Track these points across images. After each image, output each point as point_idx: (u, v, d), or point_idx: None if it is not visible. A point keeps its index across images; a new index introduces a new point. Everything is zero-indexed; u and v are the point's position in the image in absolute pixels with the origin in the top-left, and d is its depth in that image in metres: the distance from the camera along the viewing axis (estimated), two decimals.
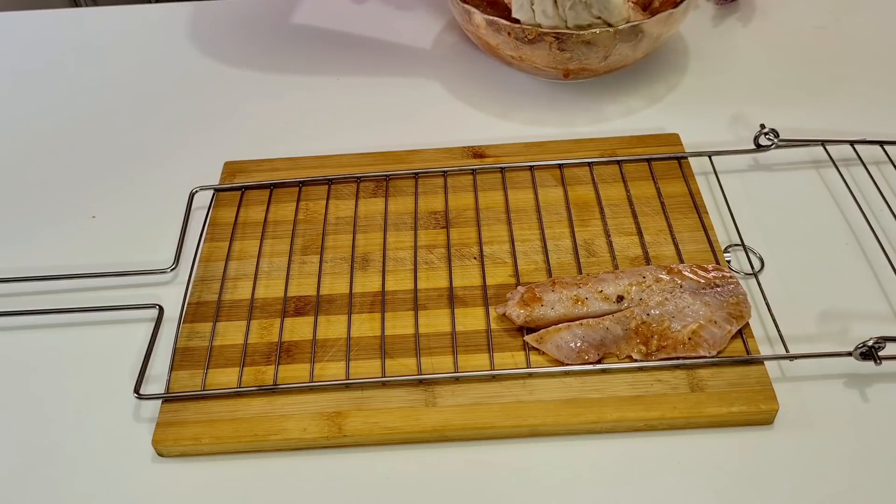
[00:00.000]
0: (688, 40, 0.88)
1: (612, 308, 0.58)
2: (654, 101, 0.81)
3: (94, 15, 1.03)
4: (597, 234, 0.66)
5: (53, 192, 0.76)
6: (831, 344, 0.59)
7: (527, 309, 0.59)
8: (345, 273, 0.65)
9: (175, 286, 0.66)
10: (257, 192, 0.72)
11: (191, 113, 0.84)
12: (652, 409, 0.54)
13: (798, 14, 0.91)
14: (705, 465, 0.53)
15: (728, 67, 0.85)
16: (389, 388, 0.57)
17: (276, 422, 0.56)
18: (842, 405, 0.56)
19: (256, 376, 0.58)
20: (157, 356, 0.61)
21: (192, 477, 0.55)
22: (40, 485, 0.55)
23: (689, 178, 0.70)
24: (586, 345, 0.57)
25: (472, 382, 0.57)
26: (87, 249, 0.70)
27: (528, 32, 0.73)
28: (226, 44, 0.93)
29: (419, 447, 0.55)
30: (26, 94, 0.89)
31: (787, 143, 0.71)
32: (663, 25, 0.74)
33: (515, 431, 0.55)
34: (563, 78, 0.79)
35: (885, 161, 0.71)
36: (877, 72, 0.83)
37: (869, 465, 0.53)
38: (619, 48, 0.74)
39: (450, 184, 0.72)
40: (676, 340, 0.57)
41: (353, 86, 0.86)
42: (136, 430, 0.57)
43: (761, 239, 0.66)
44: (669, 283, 0.59)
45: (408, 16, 0.95)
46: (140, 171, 0.78)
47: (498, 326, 0.60)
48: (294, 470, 0.55)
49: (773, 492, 0.52)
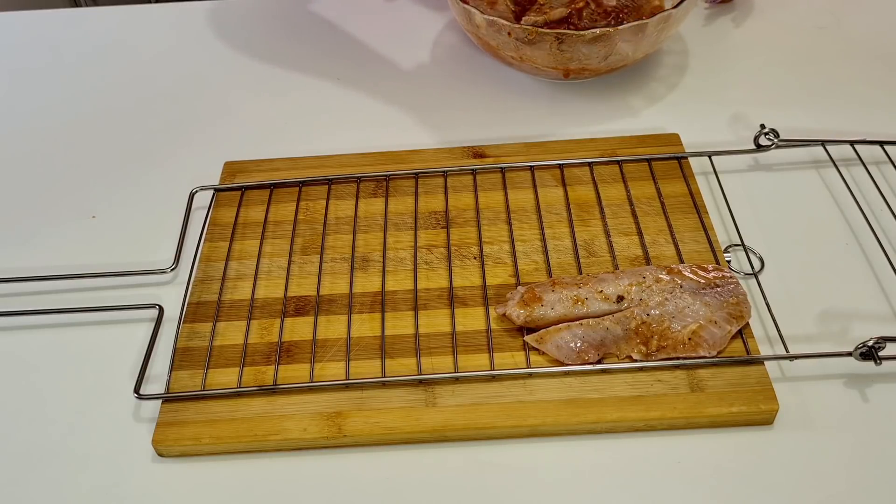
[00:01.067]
0: (688, 40, 0.88)
1: (612, 308, 0.58)
2: (654, 101, 0.81)
3: (94, 15, 1.03)
4: (597, 235, 0.66)
5: (53, 192, 0.76)
6: (831, 344, 0.59)
7: (527, 309, 0.59)
8: (345, 273, 0.65)
9: (175, 286, 0.66)
10: (257, 192, 0.72)
11: (191, 113, 0.84)
12: (652, 409, 0.54)
13: (799, 14, 0.91)
14: (705, 465, 0.53)
15: (728, 67, 0.85)
16: (389, 388, 0.57)
17: (276, 422, 0.56)
18: (842, 405, 0.56)
19: (256, 376, 0.58)
20: (157, 356, 0.61)
21: (192, 477, 0.55)
22: (40, 484, 0.55)
23: (689, 178, 0.70)
24: (586, 345, 0.57)
25: (472, 382, 0.57)
26: (87, 249, 0.70)
27: (528, 33, 0.74)
28: (226, 44, 0.93)
29: (419, 447, 0.55)
30: (26, 93, 0.89)
31: (787, 143, 0.71)
32: (662, 26, 0.74)
33: (515, 431, 0.55)
34: (564, 78, 0.79)
35: (885, 161, 0.71)
36: (877, 72, 0.83)
37: (869, 465, 0.53)
38: (619, 48, 0.74)
39: (450, 184, 0.72)
40: (676, 340, 0.57)
41: (354, 86, 0.86)
42: (136, 430, 0.57)
43: (761, 239, 0.66)
44: (669, 283, 0.59)
45: (408, 16, 0.95)
46: (140, 171, 0.78)
47: (498, 326, 0.60)
48: (294, 470, 0.55)
49: (773, 492, 0.52)
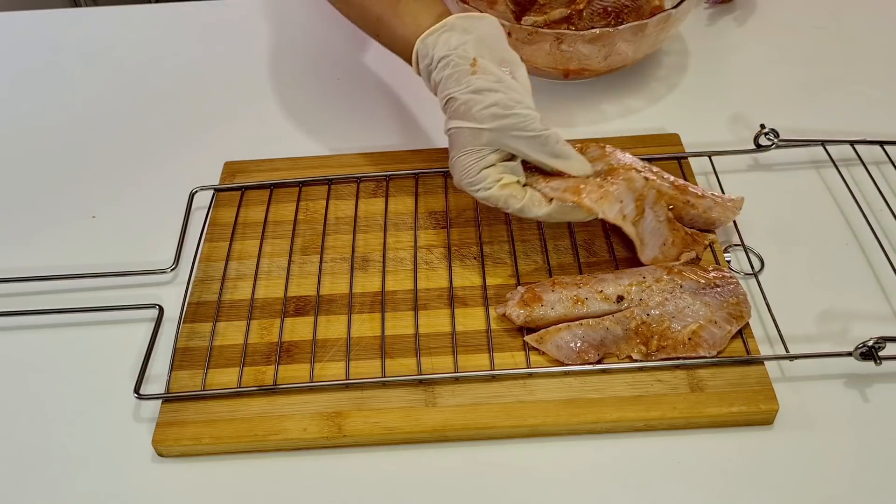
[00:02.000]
0: (688, 41, 0.88)
1: (612, 308, 0.58)
2: (654, 101, 0.81)
3: (94, 15, 1.03)
4: (597, 235, 0.66)
5: (53, 192, 0.76)
6: (831, 344, 0.59)
7: (527, 309, 0.59)
8: (345, 273, 0.65)
9: (175, 286, 0.66)
10: (257, 192, 0.72)
11: (191, 113, 0.84)
12: (652, 409, 0.54)
13: (798, 14, 0.91)
14: (705, 464, 0.53)
15: (728, 67, 0.85)
16: (389, 388, 0.57)
17: (276, 422, 0.56)
18: (842, 405, 0.56)
19: (256, 376, 0.58)
20: (157, 356, 0.61)
21: (192, 477, 0.55)
22: (41, 485, 0.55)
23: (690, 178, 0.70)
24: (586, 345, 0.57)
25: (472, 382, 0.57)
26: (87, 249, 0.70)
27: (527, 33, 0.73)
28: (226, 44, 0.93)
29: (419, 447, 0.55)
30: (26, 93, 0.89)
31: (787, 143, 0.71)
32: (662, 26, 0.74)
33: (515, 431, 0.55)
34: (564, 78, 0.79)
35: (885, 161, 0.71)
36: (877, 72, 0.83)
37: (869, 465, 0.53)
38: (619, 48, 0.74)
39: (450, 184, 0.72)
40: (676, 340, 0.57)
41: (353, 86, 0.86)
42: (136, 430, 0.57)
43: (761, 239, 0.66)
44: (669, 283, 0.59)
45: None
46: (140, 171, 0.78)
47: (498, 326, 0.60)
48: (294, 470, 0.55)
49: (773, 492, 0.52)
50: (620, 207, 0.59)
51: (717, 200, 0.65)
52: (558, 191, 0.59)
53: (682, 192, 0.64)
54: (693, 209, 0.64)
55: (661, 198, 0.62)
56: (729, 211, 0.64)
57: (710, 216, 0.64)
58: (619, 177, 0.60)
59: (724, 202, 0.65)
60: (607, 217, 0.58)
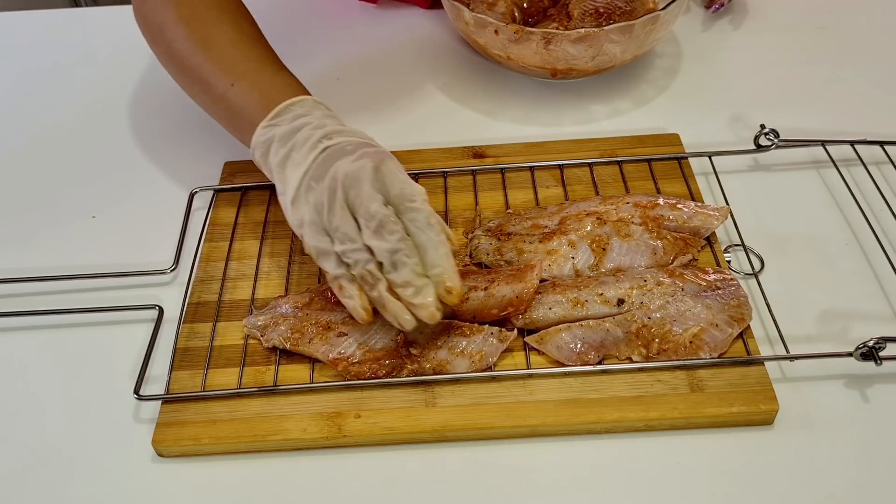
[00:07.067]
0: (687, 41, 0.88)
1: (612, 311, 0.58)
2: (654, 102, 0.81)
3: (94, 15, 1.03)
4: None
5: (53, 192, 0.76)
6: (831, 344, 0.59)
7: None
8: None
9: (175, 287, 0.66)
10: (257, 192, 0.72)
11: (191, 113, 0.84)
12: (652, 409, 0.54)
13: (798, 14, 0.91)
14: (705, 465, 0.53)
15: (728, 68, 0.85)
16: (389, 388, 0.57)
17: (276, 422, 0.56)
18: (842, 406, 0.56)
19: (256, 377, 0.58)
20: (156, 357, 0.61)
21: (192, 477, 0.55)
22: (40, 485, 0.55)
23: (690, 178, 0.70)
24: (587, 346, 0.57)
25: (471, 383, 0.57)
26: (87, 250, 0.70)
27: (514, 31, 0.73)
28: None
29: (419, 447, 0.55)
30: (27, 93, 0.89)
31: (787, 143, 0.71)
32: (650, 28, 0.74)
33: (515, 432, 0.55)
34: (552, 78, 0.79)
35: (885, 161, 0.71)
36: (877, 72, 0.83)
37: (869, 465, 0.53)
38: (606, 49, 0.74)
39: (450, 184, 0.72)
40: (678, 344, 0.57)
41: (352, 86, 0.86)
42: (136, 430, 0.57)
43: (761, 239, 0.66)
44: (671, 286, 0.59)
45: (407, 16, 0.95)
46: (140, 171, 0.78)
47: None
48: (294, 470, 0.55)
49: (773, 492, 0.52)
50: (573, 264, 0.61)
51: (698, 209, 0.64)
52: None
53: (652, 207, 0.64)
54: (670, 221, 0.63)
55: (626, 224, 0.63)
56: (713, 218, 0.64)
57: (692, 225, 0.63)
58: (564, 235, 0.61)
59: (707, 210, 0.64)
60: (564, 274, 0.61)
